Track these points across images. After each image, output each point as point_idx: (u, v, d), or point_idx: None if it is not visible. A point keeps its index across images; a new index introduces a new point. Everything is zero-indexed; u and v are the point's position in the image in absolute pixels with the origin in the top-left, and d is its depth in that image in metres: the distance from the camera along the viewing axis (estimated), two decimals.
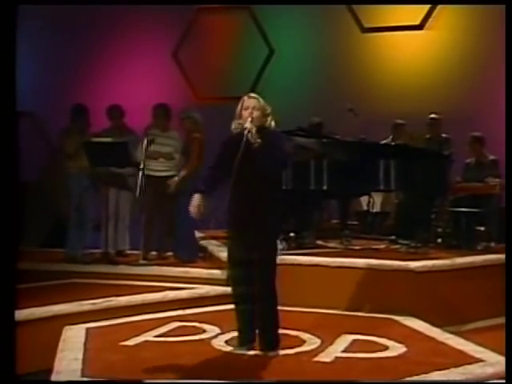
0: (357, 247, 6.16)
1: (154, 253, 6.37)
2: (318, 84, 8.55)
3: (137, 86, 8.97)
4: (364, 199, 7.42)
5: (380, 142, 6.87)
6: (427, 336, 4.36)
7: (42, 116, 9.24)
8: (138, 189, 5.72)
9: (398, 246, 6.01)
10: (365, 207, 7.47)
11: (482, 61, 8.03)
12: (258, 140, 3.64)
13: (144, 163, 5.88)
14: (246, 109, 3.71)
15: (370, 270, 5.10)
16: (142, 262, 6.03)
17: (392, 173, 5.55)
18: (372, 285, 5.07)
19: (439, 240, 6.33)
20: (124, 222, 6.63)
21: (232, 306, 3.90)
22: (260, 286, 3.72)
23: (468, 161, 6.56)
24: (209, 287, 5.37)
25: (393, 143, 6.16)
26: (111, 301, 4.87)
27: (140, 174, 5.80)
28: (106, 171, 6.17)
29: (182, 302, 5.07)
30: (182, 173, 6.02)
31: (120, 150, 5.92)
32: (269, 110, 3.77)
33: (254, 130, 3.62)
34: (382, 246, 6.19)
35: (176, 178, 6.01)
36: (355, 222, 7.33)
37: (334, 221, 7.71)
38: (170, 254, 6.41)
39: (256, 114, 3.68)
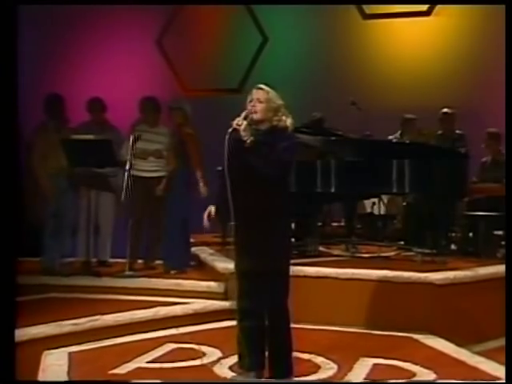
0: (365, 255, 5.93)
1: (139, 261, 6.08)
2: (317, 75, 8.29)
3: (117, 78, 8.60)
4: (367, 201, 7.15)
5: (387, 138, 6.64)
6: (455, 359, 4.12)
7: None
8: (125, 191, 5.49)
9: (410, 254, 5.76)
10: (368, 209, 7.22)
11: (496, 49, 7.75)
12: (250, 137, 3.36)
13: (131, 163, 5.63)
14: (251, 101, 3.48)
15: (385, 282, 4.88)
16: (127, 273, 5.72)
17: (406, 174, 5.25)
18: (388, 299, 4.84)
19: (453, 246, 6.10)
20: (106, 227, 6.33)
21: (233, 323, 3.65)
22: (270, 302, 3.49)
23: (484, 160, 6.31)
24: (205, 302, 5.14)
25: (407, 141, 5.88)
26: (96, 320, 4.57)
27: (126, 174, 5.56)
28: (86, 172, 5.85)
29: (176, 319, 4.82)
30: (198, 175, 5.78)
31: (103, 148, 5.60)
32: (277, 104, 3.49)
33: (243, 127, 3.36)
34: (393, 253, 5.97)
35: (201, 184, 5.82)
36: (358, 226, 7.05)
37: (334, 224, 7.50)
38: (158, 262, 6.14)
39: (260, 106, 3.43)
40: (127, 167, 5.60)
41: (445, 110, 6.63)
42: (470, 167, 5.58)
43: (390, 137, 6.97)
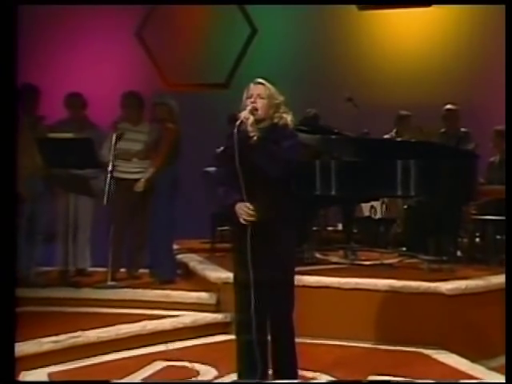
0: (366, 262, 5.79)
1: (122, 270, 5.89)
2: (310, 70, 8.18)
3: (95, 72, 8.37)
4: (365, 204, 7.00)
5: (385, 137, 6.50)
6: (473, 377, 4.00)
7: None
8: (107, 194, 5.32)
9: (414, 261, 5.64)
10: (366, 213, 7.06)
11: (498, 40, 7.65)
12: (256, 133, 3.31)
13: (113, 164, 5.46)
14: (250, 97, 3.41)
15: (391, 292, 4.77)
16: (110, 283, 5.52)
17: (412, 175, 5.12)
18: (395, 311, 4.73)
19: (458, 253, 5.96)
20: (85, 233, 6.13)
21: (227, 338, 3.67)
22: (274, 315, 3.42)
23: (491, 159, 6.18)
24: (196, 314, 4.99)
25: (413, 140, 5.75)
26: (77, 337, 4.38)
27: (108, 176, 5.40)
28: (64, 173, 5.65)
29: (165, 334, 4.69)
30: (150, 170, 5.63)
31: (83, 147, 5.41)
32: (279, 100, 3.45)
33: (250, 121, 3.31)
34: (395, 261, 5.83)
35: (142, 180, 5.61)
36: (354, 231, 6.91)
37: (330, 228, 7.37)
38: (142, 271, 5.97)
39: (261, 103, 3.38)
40: (109, 168, 5.44)
41: (448, 106, 6.52)
42: (479, 167, 5.47)
43: (385, 136, 6.87)
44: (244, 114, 3.34)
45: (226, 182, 3.47)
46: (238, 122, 3.32)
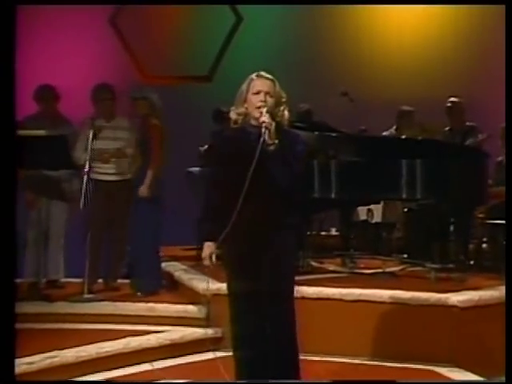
0: (366, 271, 5.76)
1: (99, 280, 5.81)
2: (300, 62, 8.19)
3: (66, 63, 8.20)
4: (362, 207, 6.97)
5: (390, 135, 6.55)
6: None
7: None
8: (83, 198, 5.23)
9: (419, 269, 5.60)
10: (362, 217, 7.02)
11: (498, 34, 7.70)
12: (275, 141, 3.28)
13: (90, 164, 5.38)
14: (257, 93, 3.35)
15: (398, 304, 4.75)
16: (87, 296, 5.43)
17: (418, 176, 5.09)
18: (403, 325, 4.71)
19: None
20: (58, 241, 6.01)
21: (220, 355, 3.68)
22: (274, 330, 3.37)
23: (500, 159, 6.15)
24: (184, 330, 4.94)
25: (419, 138, 5.72)
26: (54, 357, 4.27)
27: (85, 178, 5.33)
28: (35, 175, 5.54)
29: (150, 351, 4.64)
30: (149, 174, 5.53)
31: (57, 146, 5.26)
32: (285, 98, 3.43)
33: (272, 127, 3.27)
34: (397, 269, 5.78)
35: (145, 184, 5.50)
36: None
37: (323, 233, 7.33)
38: (121, 281, 5.90)
39: (270, 102, 3.34)
40: (85, 169, 5.35)
41: (452, 99, 6.48)
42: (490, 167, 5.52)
43: (385, 133, 6.86)
44: (264, 118, 3.24)
45: (213, 185, 3.46)
46: (263, 129, 3.22)
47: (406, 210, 6.47)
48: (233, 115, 3.41)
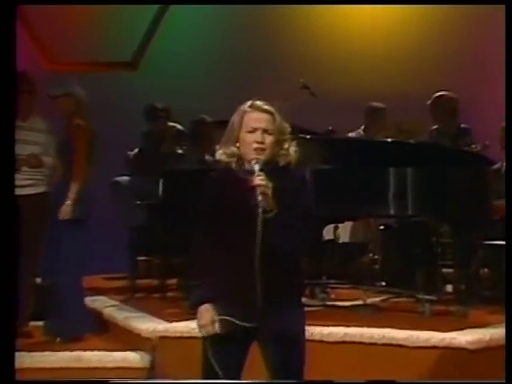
0: (342, 303, 5.68)
1: None
2: (242, 49, 8.25)
3: None
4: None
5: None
6: None
7: None
8: None
9: (403, 300, 5.61)
10: (327, 236, 6.85)
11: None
12: (274, 210, 3.05)
13: None
14: (252, 131, 3.11)
15: (392, 346, 4.65)
16: None
17: (409, 188, 5.03)
18: (398, 370, 4.52)
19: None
20: None
21: None
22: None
23: (497, 166, 6.06)
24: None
25: (411, 141, 5.62)
26: None
27: None
28: None
29: None
30: (73, 188, 5.37)
31: None
32: (287, 133, 3.17)
33: (269, 191, 3.02)
34: (377, 300, 5.70)
35: (68, 202, 5.36)
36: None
37: None
38: (34, 324, 5.65)
39: (269, 140, 3.10)
40: None
41: (440, 93, 6.40)
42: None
43: (351, 134, 6.88)
44: (260, 182, 2.99)
45: (203, 241, 3.22)
46: (259, 198, 2.97)
47: (381, 227, 6.37)
48: (221, 156, 3.18)
